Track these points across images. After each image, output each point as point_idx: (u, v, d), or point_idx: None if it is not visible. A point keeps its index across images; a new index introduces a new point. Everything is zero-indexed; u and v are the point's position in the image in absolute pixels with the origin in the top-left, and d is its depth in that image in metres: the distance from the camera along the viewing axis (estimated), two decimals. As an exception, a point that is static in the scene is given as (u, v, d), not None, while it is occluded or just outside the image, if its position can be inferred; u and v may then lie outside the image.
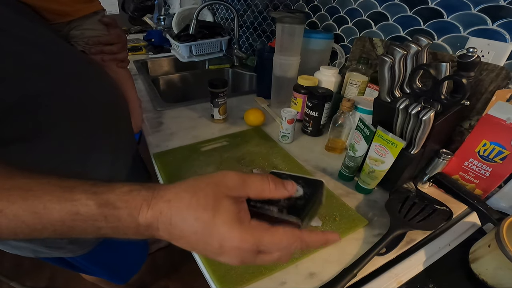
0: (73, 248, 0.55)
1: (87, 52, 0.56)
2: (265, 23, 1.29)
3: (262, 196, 0.27)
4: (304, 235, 0.27)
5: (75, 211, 0.24)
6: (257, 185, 0.27)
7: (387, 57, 0.50)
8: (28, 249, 0.51)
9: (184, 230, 0.25)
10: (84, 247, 0.57)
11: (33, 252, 0.52)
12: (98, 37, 0.57)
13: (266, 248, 0.26)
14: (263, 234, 0.25)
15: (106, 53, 0.59)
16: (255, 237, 0.25)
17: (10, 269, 1.32)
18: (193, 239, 0.25)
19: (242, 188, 0.27)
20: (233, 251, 0.25)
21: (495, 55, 0.58)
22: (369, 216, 0.53)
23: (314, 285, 0.42)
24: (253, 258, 0.26)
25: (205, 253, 0.26)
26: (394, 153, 0.50)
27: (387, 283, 0.43)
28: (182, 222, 0.24)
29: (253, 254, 0.26)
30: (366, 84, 0.75)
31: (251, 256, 0.26)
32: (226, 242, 0.24)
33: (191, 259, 1.47)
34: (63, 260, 0.60)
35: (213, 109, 0.82)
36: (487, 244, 0.42)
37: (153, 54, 1.45)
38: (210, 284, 0.43)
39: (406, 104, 0.48)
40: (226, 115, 0.85)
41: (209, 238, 0.25)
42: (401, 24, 0.75)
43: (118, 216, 0.24)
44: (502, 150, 0.49)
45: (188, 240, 0.25)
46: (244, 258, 0.26)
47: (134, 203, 0.24)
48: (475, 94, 0.59)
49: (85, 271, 0.71)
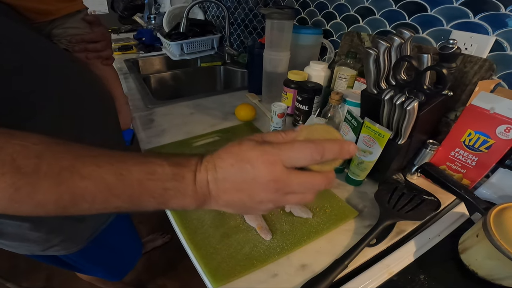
0: (67, 245, 0.55)
1: (70, 50, 0.56)
2: (256, 20, 1.30)
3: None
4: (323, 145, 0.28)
5: (152, 171, 0.27)
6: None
7: (372, 49, 0.50)
8: (23, 248, 0.51)
9: (227, 178, 0.28)
10: (77, 243, 0.57)
11: (27, 250, 0.52)
12: (81, 35, 0.57)
13: (295, 187, 0.29)
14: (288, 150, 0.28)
15: (90, 51, 0.59)
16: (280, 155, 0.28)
17: (6, 270, 1.32)
18: (236, 187, 0.29)
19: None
20: (268, 183, 0.28)
21: (477, 48, 0.59)
22: (360, 207, 0.54)
23: (306, 277, 0.42)
24: (284, 197, 0.29)
25: (247, 203, 0.29)
26: (381, 144, 0.51)
27: (379, 274, 0.43)
28: (227, 168, 0.29)
29: (283, 194, 0.29)
30: (355, 78, 0.76)
31: (282, 197, 0.29)
32: (259, 168, 0.28)
33: (187, 257, 1.47)
34: (57, 258, 0.60)
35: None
36: (475, 234, 0.43)
37: (144, 53, 1.45)
38: (203, 277, 0.43)
39: (391, 95, 0.49)
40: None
41: (246, 175, 0.28)
42: (387, 18, 0.76)
43: (183, 175, 0.28)
44: (487, 139, 0.50)
45: (232, 191, 0.29)
46: (277, 190, 0.28)
47: (194, 162, 0.29)
48: (460, 86, 0.60)
49: (80, 269, 0.71)
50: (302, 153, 0.27)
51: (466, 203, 0.51)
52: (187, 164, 0.29)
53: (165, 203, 0.29)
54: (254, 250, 0.45)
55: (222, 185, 0.29)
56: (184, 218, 0.50)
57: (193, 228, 0.49)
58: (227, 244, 0.46)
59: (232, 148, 0.29)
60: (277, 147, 0.28)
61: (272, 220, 0.50)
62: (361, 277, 0.43)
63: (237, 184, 0.29)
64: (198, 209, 0.31)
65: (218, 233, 0.48)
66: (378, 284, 0.42)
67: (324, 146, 0.27)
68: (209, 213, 0.51)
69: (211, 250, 0.45)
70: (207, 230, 0.48)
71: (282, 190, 0.28)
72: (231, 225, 0.49)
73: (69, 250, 0.56)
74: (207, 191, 0.29)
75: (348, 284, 0.42)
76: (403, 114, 0.48)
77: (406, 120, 0.48)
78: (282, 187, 0.28)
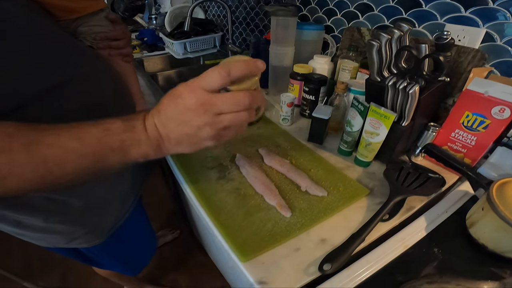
0: (89, 238, 0.57)
1: (94, 47, 0.58)
2: (257, 18, 1.33)
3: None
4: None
5: (106, 128, 0.33)
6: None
7: (374, 41, 0.55)
8: (46, 240, 0.53)
9: (168, 117, 0.34)
10: (99, 236, 0.59)
11: (50, 243, 0.54)
12: (105, 33, 0.59)
13: (220, 106, 0.33)
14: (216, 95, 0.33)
15: (113, 48, 0.61)
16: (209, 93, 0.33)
17: (20, 270, 1.31)
18: (176, 121, 0.34)
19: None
20: (197, 108, 0.33)
21: (470, 39, 0.64)
22: (370, 186, 0.58)
23: (326, 250, 0.45)
24: (217, 118, 0.34)
25: (189, 133, 0.34)
26: (387, 125, 0.55)
27: (395, 247, 0.46)
28: (166, 107, 0.34)
29: (213, 114, 0.33)
30: (357, 69, 0.80)
31: (214, 117, 0.33)
32: (188, 95, 0.33)
33: (197, 253, 1.51)
34: (78, 251, 0.62)
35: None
36: (480, 208, 0.45)
37: (148, 52, 1.47)
38: (230, 254, 0.45)
39: (394, 81, 0.53)
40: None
41: (180, 107, 0.33)
42: (385, 14, 0.81)
43: (133, 124, 0.34)
44: (483, 120, 0.54)
45: (175, 127, 0.34)
46: (207, 111, 0.33)
47: (142, 113, 0.35)
48: (456, 74, 0.65)
49: (98, 263, 0.73)
50: (211, 75, 0.33)
51: (469, 179, 0.54)
52: (136, 117, 0.35)
53: (125, 154, 0.34)
54: (276, 226, 0.48)
55: (167, 124, 0.34)
56: (208, 201, 0.53)
57: (217, 209, 0.52)
58: (250, 222, 0.49)
59: (168, 92, 0.35)
60: (196, 78, 0.33)
61: (290, 198, 0.54)
62: (379, 250, 0.45)
63: (176, 118, 0.34)
64: (158, 156, 0.37)
65: (241, 212, 0.51)
66: (395, 256, 0.45)
67: (230, 65, 0.33)
68: (230, 195, 0.55)
69: (236, 228, 0.48)
70: (231, 210, 0.51)
71: (211, 110, 0.33)
72: (252, 204, 0.53)
73: (91, 243, 0.59)
74: (158, 134, 0.35)
75: (367, 256, 0.45)
76: (405, 97, 0.53)
77: (408, 103, 0.53)
78: (210, 108, 0.33)
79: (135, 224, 0.72)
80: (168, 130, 0.34)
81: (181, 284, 1.31)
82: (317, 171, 0.61)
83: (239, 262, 0.43)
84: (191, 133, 0.34)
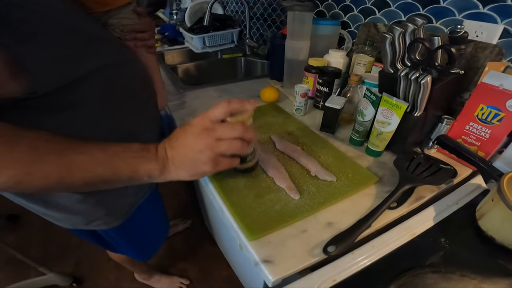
0: (109, 219, 0.60)
1: (122, 38, 0.62)
2: (274, 14, 1.36)
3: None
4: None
5: (127, 146, 0.40)
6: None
7: (387, 33, 0.56)
8: (68, 221, 0.57)
9: (176, 140, 0.41)
10: (117, 218, 0.62)
11: (71, 224, 0.58)
12: (132, 25, 0.62)
13: (220, 132, 0.40)
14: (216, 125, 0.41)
15: (138, 40, 0.64)
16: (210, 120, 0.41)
17: (38, 256, 1.39)
18: (181, 144, 0.41)
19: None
20: (201, 132, 0.40)
21: (487, 35, 0.64)
22: (380, 175, 0.58)
23: (332, 233, 0.45)
24: (216, 143, 0.40)
25: (191, 156, 0.41)
26: (399, 114, 0.56)
27: (401, 234, 0.46)
28: (177, 135, 0.42)
29: (214, 139, 0.40)
30: (372, 63, 0.81)
31: (214, 142, 0.40)
32: (191, 129, 0.41)
33: (207, 243, 1.54)
34: (95, 234, 0.66)
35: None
36: (490, 199, 0.44)
37: (168, 46, 1.52)
38: (238, 233, 0.46)
39: (406, 72, 0.54)
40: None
41: (186, 132, 0.41)
42: (402, 10, 0.81)
43: (148, 148, 0.41)
44: (498, 113, 0.54)
45: (180, 149, 0.41)
46: (209, 136, 0.40)
47: (159, 144, 0.43)
48: (472, 69, 0.65)
49: (113, 247, 0.75)
50: (217, 108, 0.41)
51: (481, 171, 0.53)
52: (153, 144, 0.42)
53: (135, 170, 0.40)
54: (285, 208, 0.50)
55: (175, 147, 0.41)
56: (221, 181, 0.56)
57: (229, 189, 0.54)
58: (260, 202, 0.51)
59: (183, 124, 0.43)
60: (205, 112, 0.42)
61: (299, 182, 0.56)
62: (385, 236, 0.46)
63: (181, 141, 0.41)
64: (161, 177, 0.42)
65: (252, 193, 0.53)
66: (402, 244, 0.45)
67: (230, 102, 0.41)
68: (242, 177, 0.57)
69: (246, 208, 0.50)
70: (242, 191, 0.54)
71: (213, 136, 0.40)
72: (263, 186, 0.55)
73: (109, 225, 0.62)
74: (165, 155, 0.41)
75: (373, 241, 0.45)
76: (418, 88, 0.53)
77: (421, 93, 0.53)
78: (212, 132, 0.40)
79: (151, 208, 0.75)
80: (175, 153, 0.41)
81: (189, 273, 1.34)
82: (327, 158, 0.62)
83: (247, 241, 0.45)
84: (194, 158, 0.41)
